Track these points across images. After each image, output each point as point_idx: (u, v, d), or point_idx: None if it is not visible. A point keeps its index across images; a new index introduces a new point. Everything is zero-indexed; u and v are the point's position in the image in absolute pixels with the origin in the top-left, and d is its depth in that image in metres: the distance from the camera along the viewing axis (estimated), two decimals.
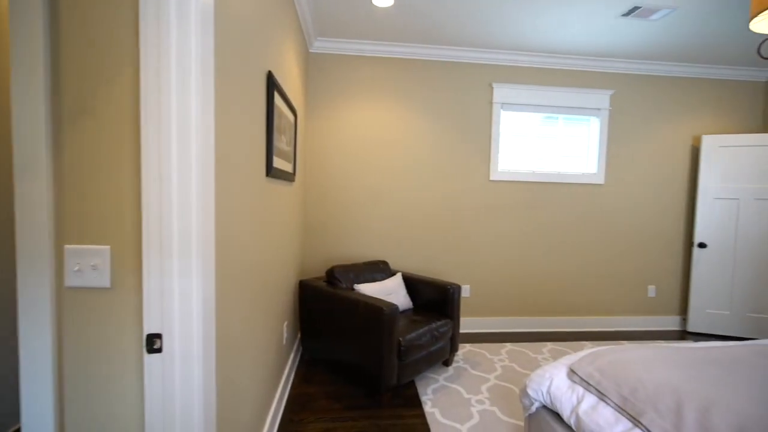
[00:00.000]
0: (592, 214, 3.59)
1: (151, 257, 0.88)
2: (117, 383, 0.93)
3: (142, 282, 0.91)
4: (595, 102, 3.49)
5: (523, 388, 1.67)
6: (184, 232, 0.90)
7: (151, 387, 0.90)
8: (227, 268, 1.23)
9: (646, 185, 3.63)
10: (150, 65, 0.85)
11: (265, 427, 1.80)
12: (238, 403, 1.39)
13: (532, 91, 3.42)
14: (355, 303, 2.32)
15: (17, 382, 1.86)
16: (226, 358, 1.24)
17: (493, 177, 3.44)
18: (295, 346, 2.79)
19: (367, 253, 3.38)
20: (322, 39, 3.13)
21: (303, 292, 2.71)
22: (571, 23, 2.75)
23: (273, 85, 1.76)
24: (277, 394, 2.09)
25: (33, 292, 0.88)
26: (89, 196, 0.90)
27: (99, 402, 0.93)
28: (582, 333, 3.56)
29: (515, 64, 3.38)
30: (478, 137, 3.42)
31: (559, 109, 3.47)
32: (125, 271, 0.92)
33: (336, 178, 3.31)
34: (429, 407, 2.23)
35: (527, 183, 3.49)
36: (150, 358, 0.90)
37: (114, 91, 0.89)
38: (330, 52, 3.21)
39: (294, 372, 2.62)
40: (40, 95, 0.85)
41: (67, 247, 0.90)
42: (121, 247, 0.92)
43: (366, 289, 2.61)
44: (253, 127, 1.53)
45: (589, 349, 1.83)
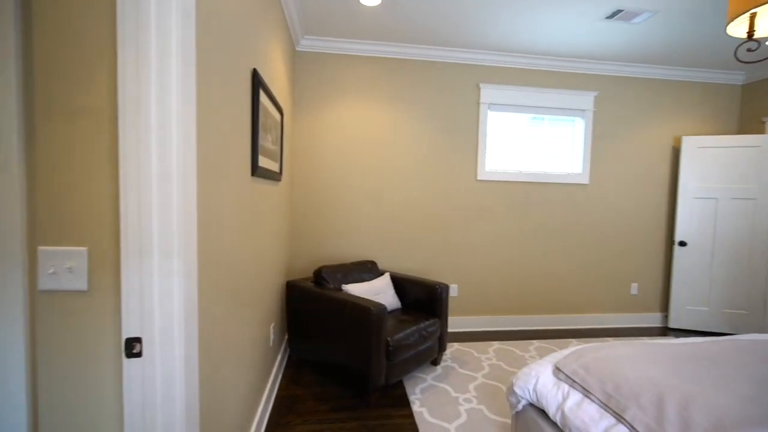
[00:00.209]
0: (577, 213, 3.65)
1: (130, 258, 0.85)
2: (95, 390, 0.90)
3: (120, 284, 0.89)
4: (579, 103, 3.54)
5: (510, 386, 1.69)
6: (164, 233, 0.87)
7: (131, 393, 0.87)
8: (211, 269, 1.21)
9: (630, 185, 3.70)
10: (128, 62, 0.82)
11: (251, 430, 1.77)
12: (223, 407, 1.36)
13: (518, 91, 3.45)
14: (343, 303, 2.31)
15: None
16: (210, 362, 1.21)
17: (480, 177, 3.46)
18: (282, 348, 2.76)
19: (356, 253, 3.36)
20: (309, 37, 3.10)
21: (290, 293, 2.68)
22: (557, 25, 2.79)
23: (258, 83, 1.73)
24: (263, 397, 2.06)
25: (3, 296, 0.84)
26: (65, 196, 0.87)
27: (76, 410, 0.90)
28: (568, 330, 3.62)
29: (502, 65, 3.41)
30: (465, 137, 3.44)
31: (545, 109, 3.52)
32: (103, 274, 0.90)
33: (324, 178, 3.29)
34: (417, 407, 2.23)
35: (514, 183, 3.53)
36: (129, 363, 0.87)
37: (90, 89, 0.86)
38: (317, 51, 3.18)
39: (281, 373, 2.59)
40: (11, 93, 0.81)
41: (41, 248, 0.86)
42: (100, 248, 0.89)
43: (354, 289, 2.59)
44: (238, 125, 1.51)
45: (574, 346, 1.85)
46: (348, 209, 3.33)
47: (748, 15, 1.60)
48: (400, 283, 2.92)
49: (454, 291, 3.51)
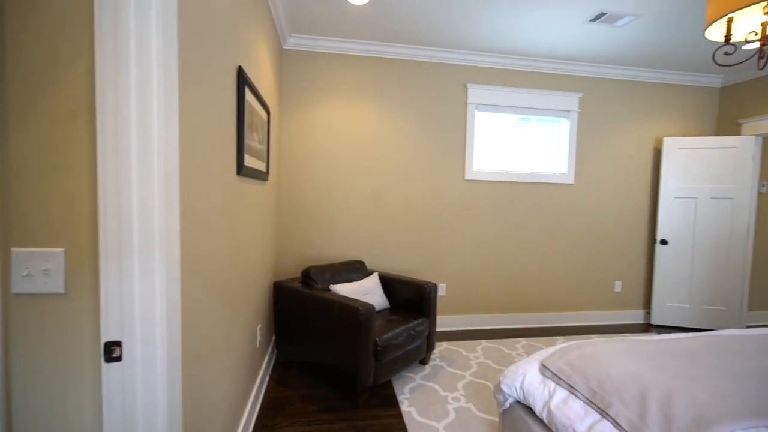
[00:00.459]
0: (562, 213, 3.70)
1: (109, 260, 0.83)
2: (73, 396, 0.87)
3: (99, 286, 0.86)
4: (565, 104, 3.60)
5: (498, 384, 1.70)
6: (145, 233, 0.85)
7: (111, 398, 0.85)
8: (194, 270, 1.18)
9: (613, 185, 3.78)
10: (106, 58, 0.80)
11: None
12: (208, 411, 1.33)
13: (505, 92, 3.49)
14: (331, 303, 2.30)
15: None
16: (194, 365, 1.19)
17: (468, 177, 3.48)
18: (269, 349, 2.73)
19: (344, 253, 3.35)
20: (297, 35, 3.07)
21: (278, 294, 2.65)
22: (543, 27, 2.82)
23: (244, 81, 1.71)
24: (250, 399, 2.03)
25: None
26: (40, 196, 0.84)
27: (52, 417, 0.87)
28: (554, 328, 3.67)
29: (489, 66, 3.44)
30: (453, 137, 3.45)
31: (531, 110, 3.56)
32: (82, 276, 0.87)
33: (312, 177, 3.26)
34: (406, 406, 2.23)
35: (501, 183, 3.56)
36: (109, 367, 0.85)
37: (66, 86, 0.83)
38: (305, 49, 3.16)
39: (269, 375, 2.56)
40: None
41: (15, 250, 0.83)
42: (77, 249, 0.86)
43: (342, 289, 2.58)
44: (223, 123, 1.48)
45: (560, 344, 1.88)
46: (336, 209, 3.31)
47: (725, 20, 1.64)
48: (389, 283, 2.92)
49: (442, 290, 3.53)
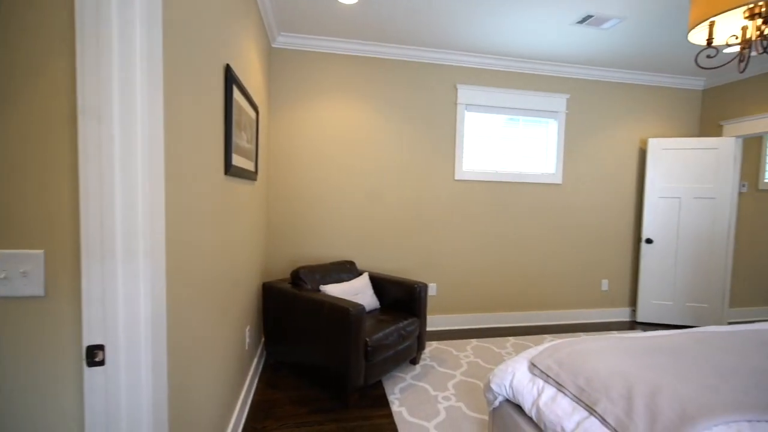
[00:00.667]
0: (551, 213, 3.75)
1: (91, 261, 0.80)
2: (54, 402, 0.85)
3: (81, 289, 0.84)
4: (552, 105, 3.64)
5: (487, 383, 1.71)
6: (129, 234, 0.83)
7: (93, 404, 0.83)
8: (181, 272, 1.16)
9: (600, 185, 3.84)
10: (88, 53, 0.78)
11: None
12: (195, 416, 1.31)
13: (494, 93, 3.51)
14: (321, 304, 2.28)
15: None
16: (181, 369, 1.17)
17: (458, 177, 3.50)
18: (258, 351, 2.70)
19: (334, 253, 3.33)
20: (286, 34, 3.05)
21: (267, 295, 2.62)
22: (531, 28, 2.85)
23: (232, 79, 1.68)
24: (239, 402, 2.01)
25: None
26: (19, 196, 0.81)
27: (33, 424, 0.84)
28: (543, 327, 3.71)
29: (479, 66, 3.46)
30: (443, 137, 3.47)
31: (520, 111, 3.60)
32: (62, 278, 0.84)
33: (301, 177, 3.24)
34: (396, 406, 2.23)
35: (490, 183, 3.59)
36: (91, 371, 0.82)
37: (46, 82, 0.80)
38: (294, 48, 3.13)
39: (258, 377, 2.53)
40: None
41: None
42: (58, 251, 0.84)
43: (332, 290, 2.57)
44: (211, 122, 1.46)
45: (549, 342, 1.90)
46: (326, 209, 3.29)
47: (707, 23, 1.68)
48: (379, 283, 2.91)
49: (432, 290, 3.54)
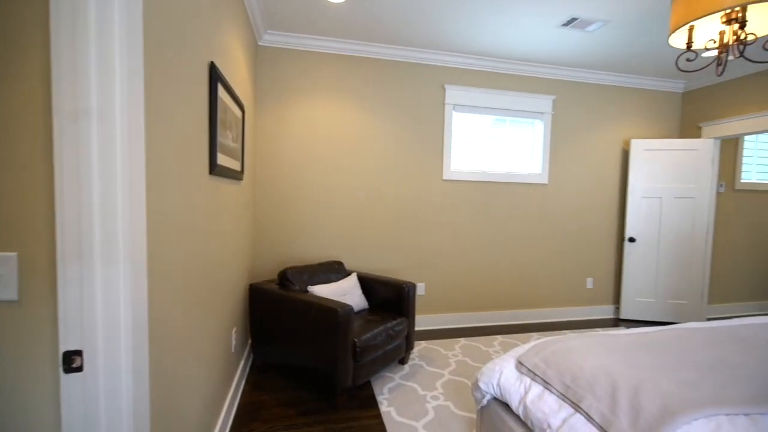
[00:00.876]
0: (537, 212, 3.80)
1: (68, 264, 0.78)
2: (29, 410, 0.82)
3: (57, 293, 0.81)
4: (539, 106, 3.69)
5: (475, 382, 1.72)
6: (108, 236, 0.80)
7: (70, 412, 0.80)
8: (163, 273, 1.13)
9: (585, 185, 3.91)
10: (63, 51, 0.75)
11: None
12: (179, 421, 1.28)
13: (482, 93, 3.54)
14: (309, 305, 2.26)
15: None
16: (164, 373, 1.14)
17: (446, 177, 3.51)
18: (245, 353, 2.66)
19: (322, 253, 3.31)
20: (272, 32, 3.01)
21: (253, 296, 2.59)
22: (517, 30, 2.88)
23: (216, 77, 1.65)
24: (225, 405, 1.97)
25: None
26: None
27: None
28: (529, 325, 3.76)
29: (466, 67, 3.48)
30: (431, 137, 3.48)
31: (507, 111, 3.63)
32: (36, 281, 0.81)
33: (288, 177, 3.20)
34: (385, 407, 2.22)
35: (478, 183, 3.62)
36: (68, 378, 0.79)
37: (18, 79, 0.77)
38: (281, 46, 3.10)
39: (245, 380, 2.50)
40: None
41: None
42: (32, 253, 0.81)
43: (320, 290, 2.55)
44: (195, 121, 1.43)
45: (536, 340, 1.92)
46: (314, 209, 3.27)
47: (687, 27, 1.72)
48: (368, 283, 2.90)
49: (421, 290, 3.54)
